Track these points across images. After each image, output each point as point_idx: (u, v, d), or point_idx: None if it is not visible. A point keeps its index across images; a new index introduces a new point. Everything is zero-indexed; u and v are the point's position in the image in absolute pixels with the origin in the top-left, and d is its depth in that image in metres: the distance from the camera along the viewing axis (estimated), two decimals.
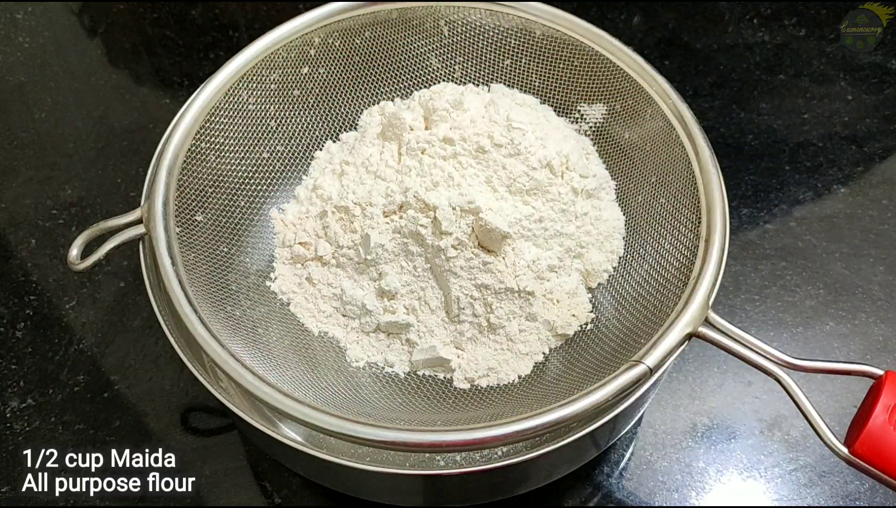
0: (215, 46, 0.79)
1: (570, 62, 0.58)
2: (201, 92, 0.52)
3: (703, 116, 0.69)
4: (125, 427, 0.56)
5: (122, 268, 0.64)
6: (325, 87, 0.59)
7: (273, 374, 0.45)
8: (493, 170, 0.53)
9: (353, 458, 0.42)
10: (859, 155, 0.71)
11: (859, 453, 0.40)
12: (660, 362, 0.42)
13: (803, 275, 0.64)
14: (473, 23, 0.59)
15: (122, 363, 0.59)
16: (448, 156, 0.53)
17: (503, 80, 0.60)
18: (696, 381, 0.59)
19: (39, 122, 0.73)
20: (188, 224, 0.50)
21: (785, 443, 0.56)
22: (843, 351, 0.61)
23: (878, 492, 0.54)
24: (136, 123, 0.73)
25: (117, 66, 0.78)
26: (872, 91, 0.75)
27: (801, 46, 0.79)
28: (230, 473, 0.55)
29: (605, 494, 0.55)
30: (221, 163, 0.54)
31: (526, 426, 0.39)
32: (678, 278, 0.47)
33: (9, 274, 0.64)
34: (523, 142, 0.53)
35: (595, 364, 0.48)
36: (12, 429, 0.56)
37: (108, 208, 0.68)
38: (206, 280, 0.49)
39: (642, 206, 0.55)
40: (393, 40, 0.59)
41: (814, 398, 0.41)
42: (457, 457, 0.48)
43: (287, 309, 0.53)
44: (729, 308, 0.62)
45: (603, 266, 0.54)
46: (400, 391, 0.51)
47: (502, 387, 0.50)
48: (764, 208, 0.68)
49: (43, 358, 0.60)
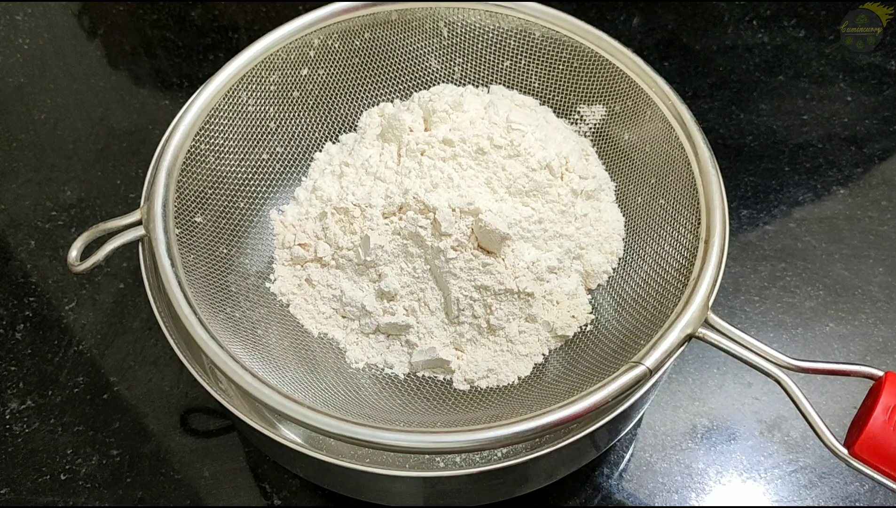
0: (215, 48, 0.79)
1: (570, 63, 0.58)
2: (201, 93, 0.52)
3: (702, 118, 0.69)
4: (125, 429, 0.56)
5: (122, 269, 0.64)
6: (324, 88, 0.59)
7: (272, 375, 0.45)
8: (492, 171, 0.53)
9: (352, 459, 0.42)
10: (859, 156, 0.71)
11: (859, 454, 0.40)
12: (659, 363, 0.41)
13: (803, 276, 0.64)
14: (473, 24, 0.59)
15: (122, 364, 0.59)
16: (447, 157, 0.53)
17: (503, 81, 0.60)
18: (695, 382, 0.59)
19: (39, 123, 0.73)
20: (188, 226, 0.50)
21: (785, 444, 0.56)
22: (843, 352, 0.61)
23: (877, 493, 0.54)
24: (135, 124, 0.73)
25: (117, 67, 0.78)
26: (872, 92, 0.75)
27: (801, 47, 0.79)
28: (230, 474, 0.55)
29: (604, 495, 0.55)
30: (221, 164, 0.54)
31: (526, 427, 0.39)
32: (678, 279, 0.47)
33: (8, 275, 0.64)
34: (523, 143, 0.53)
35: (595, 366, 0.48)
36: (12, 431, 0.56)
37: (108, 209, 0.68)
38: (206, 282, 0.49)
39: (642, 207, 0.55)
40: (392, 42, 0.59)
41: (814, 399, 0.41)
42: (456, 458, 0.48)
43: (287, 310, 0.53)
44: (728, 309, 0.62)
45: (602, 267, 0.54)
46: (400, 392, 0.51)
47: (502, 388, 0.50)
48: (763, 209, 0.68)
49: (42, 360, 0.60)
